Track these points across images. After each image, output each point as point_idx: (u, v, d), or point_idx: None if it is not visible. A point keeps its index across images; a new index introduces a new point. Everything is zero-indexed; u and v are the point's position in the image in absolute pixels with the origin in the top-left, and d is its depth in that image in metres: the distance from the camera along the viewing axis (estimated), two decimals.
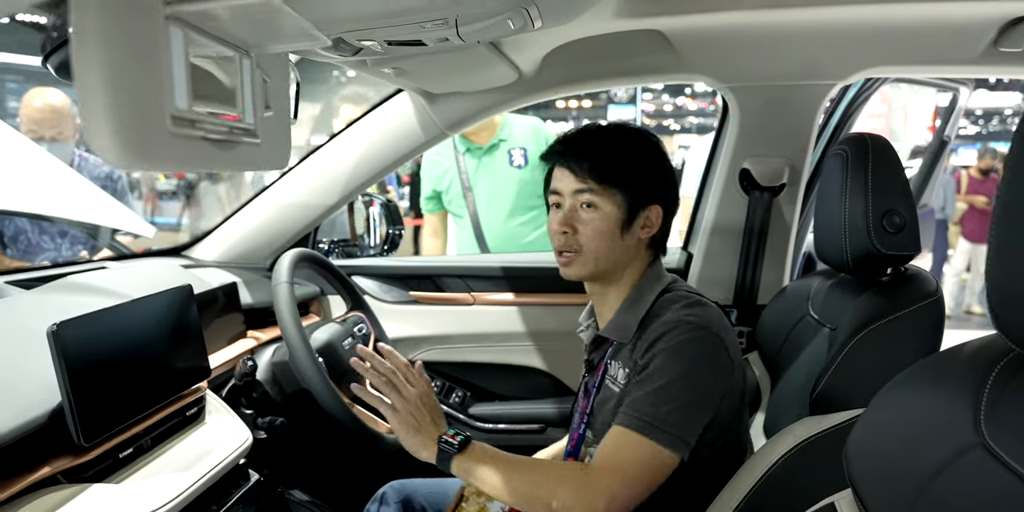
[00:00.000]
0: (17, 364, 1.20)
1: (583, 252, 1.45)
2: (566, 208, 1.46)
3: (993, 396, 0.73)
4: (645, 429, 1.28)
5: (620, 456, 1.30)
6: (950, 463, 0.73)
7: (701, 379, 1.33)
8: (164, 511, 1.14)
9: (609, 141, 1.46)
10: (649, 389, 1.32)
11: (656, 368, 1.32)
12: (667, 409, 1.29)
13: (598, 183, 1.42)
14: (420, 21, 1.07)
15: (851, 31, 1.76)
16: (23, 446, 1.09)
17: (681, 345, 1.33)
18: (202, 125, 0.68)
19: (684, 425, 1.30)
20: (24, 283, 1.64)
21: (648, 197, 1.46)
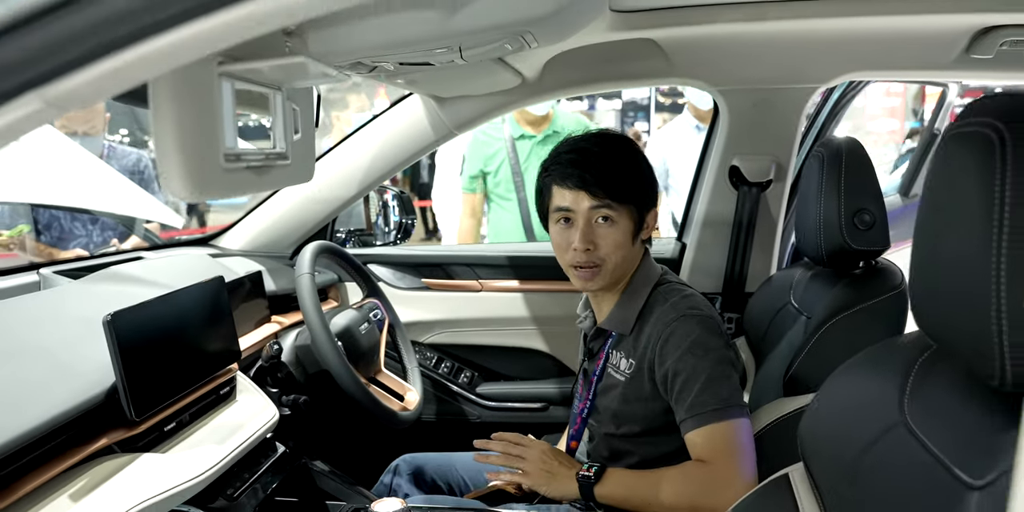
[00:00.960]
0: (75, 349, 1.35)
1: (605, 265, 1.55)
2: (582, 224, 1.54)
3: (915, 382, 0.86)
4: (720, 415, 1.44)
5: (723, 446, 1.44)
6: (878, 439, 0.85)
7: (724, 355, 1.49)
8: (204, 477, 1.30)
9: (610, 157, 1.56)
10: (699, 386, 1.46)
11: (692, 367, 1.46)
12: (724, 391, 1.45)
13: (615, 200, 1.53)
14: (428, 49, 1.21)
15: (830, 39, 1.88)
16: (84, 421, 1.24)
17: (695, 341, 1.48)
18: (246, 157, 0.83)
19: (738, 392, 1.48)
20: (70, 273, 1.80)
21: (649, 203, 1.59)
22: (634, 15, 1.73)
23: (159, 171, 0.72)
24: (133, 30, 0.52)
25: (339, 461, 1.87)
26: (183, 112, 0.72)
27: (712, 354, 1.47)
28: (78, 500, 1.12)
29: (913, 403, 0.82)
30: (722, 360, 1.48)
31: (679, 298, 1.57)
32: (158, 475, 1.24)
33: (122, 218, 2.98)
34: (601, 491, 1.48)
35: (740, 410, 1.46)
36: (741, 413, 1.45)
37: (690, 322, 1.51)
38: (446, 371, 2.45)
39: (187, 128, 0.72)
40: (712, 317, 1.55)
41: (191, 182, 0.73)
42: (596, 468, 1.50)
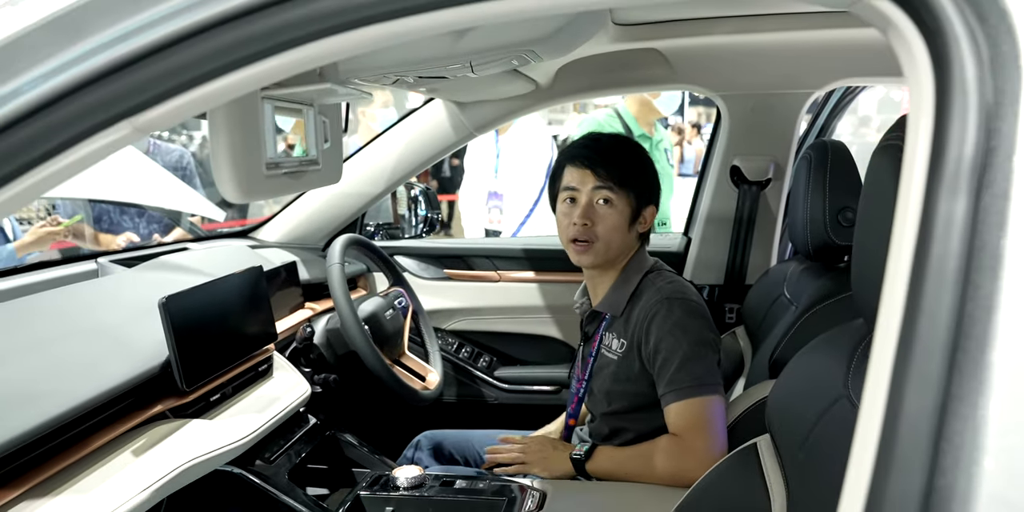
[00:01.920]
0: (132, 329, 1.54)
1: (598, 242, 1.73)
2: (583, 203, 1.73)
3: (858, 361, 0.99)
4: (693, 392, 1.62)
5: (692, 420, 1.62)
6: (826, 410, 0.99)
7: (702, 336, 1.65)
8: (245, 441, 1.48)
9: (622, 150, 1.76)
10: (677, 365, 1.64)
11: (670, 347, 1.64)
12: (699, 370, 1.62)
13: (615, 184, 1.71)
14: (442, 65, 1.38)
15: (822, 48, 2.02)
16: (142, 390, 1.42)
17: (677, 321, 1.65)
18: (284, 165, 1.01)
19: (714, 372, 1.65)
20: (124, 262, 1.99)
21: (648, 199, 1.76)
22: (636, 28, 1.88)
23: (215, 178, 0.89)
24: (204, 73, 0.69)
25: (365, 436, 2.04)
26: (233, 130, 0.89)
27: (690, 335, 1.63)
28: (139, 455, 1.31)
29: (855, 378, 0.94)
30: (700, 341, 1.64)
31: (665, 283, 1.73)
32: (205, 438, 1.42)
33: (168, 212, 3.18)
34: (592, 467, 1.70)
35: (712, 388, 1.62)
36: (713, 391, 1.62)
37: (673, 304, 1.67)
38: (466, 356, 2.62)
39: (236, 143, 0.90)
40: (694, 301, 1.71)
41: (239, 187, 0.90)
42: (587, 447, 1.71)
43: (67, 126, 0.69)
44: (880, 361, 0.55)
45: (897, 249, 0.57)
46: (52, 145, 0.69)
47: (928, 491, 0.50)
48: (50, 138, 0.69)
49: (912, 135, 0.59)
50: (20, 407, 1.16)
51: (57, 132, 0.69)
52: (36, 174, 0.70)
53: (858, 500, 0.54)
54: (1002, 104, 0.54)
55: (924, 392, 0.52)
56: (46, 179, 0.71)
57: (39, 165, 0.69)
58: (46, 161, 0.69)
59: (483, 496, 1.62)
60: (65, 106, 0.68)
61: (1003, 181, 0.53)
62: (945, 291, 0.53)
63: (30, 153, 0.69)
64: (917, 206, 0.56)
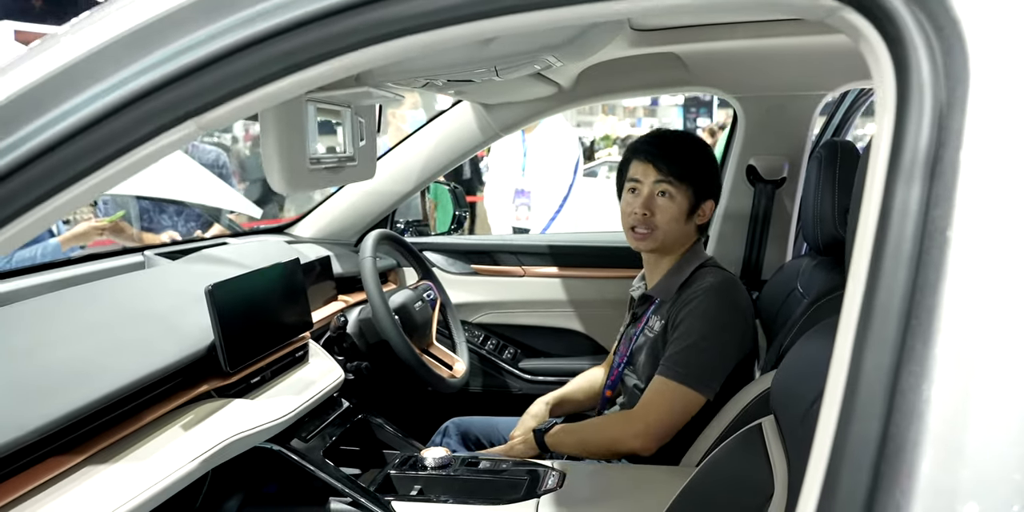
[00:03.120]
0: (179, 315, 1.64)
1: (656, 231, 1.86)
2: (644, 195, 1.86)
3: None
4: (678, 377, 1.72)
5: (658, 399, 1.75)
6: (825, 389, 1.08)
7: (722, 337, 1.75)
8: (283, 420, 1.58)
9: (685, 147, 1.89)
10: (682, 346, 1.75)
11: (687, 328, 1.75)
12: (698, 361, 1.72)
13: (674, 178, 1.83)
14: (470, 70, 1.48)
15: (834, 51, 2.09)
16: (189, 371, 1.53)
17: (707, 309, 1.75)
18: (324, 160, 1.11)
19: (708, 372, 1.74)
20: (169, 255, 2.10)
21: (707, 194, 1.87)
22: (653, 33, 1.97)
23: (265, 170, 1.00)
24: (259, 78, 0.79)
25: (395, 421, 2.14)
26: (281, 129, 1.00)
27: (713, 324, 1.73)
28: (187, 430, 1.41)
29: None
30: (717, 337, 1.74)
31: (718, 278, 1.83)
32: (247, 416, 1.52)
33: (209, 209, 3.31)
34: (549, 440, 1.84)
35: (698, 384, 1.72)
36: (696, 387, 1.72)
37: (712, 296, 1.78)
38: (492, 348, 2.72)
39: (283, 140, 1.00)
40: (735, 301, 1.81)
41: (286, 179, 1.01)
42: (547, 425, 1.84)
43: (142, 124, 0.79)
44: (846, 326, 0.64)
45: (862, 230, 0.65)
46: (129, 140, 0.79)
47: (884, 436, 0.59)
48: (128, 134, 0.79)
49: (877, 131, 0.67)
50: (80, 383, 1.27)
51: (134, 129, 0.79)
52: (116, 165, 0.80)
53: (826, 446, 0.63)
54: (953, 104, 0.63)
55: (881, 353, 0.60)
56: (122, 170, 0.81)
57: (118, 158, 0.80)
58: (124, 154, 0.80)
59: (506, 475, 1.72)
60: (141, 106, 0.78)
61: (951, 172, 0.62)
62: (901, 266, 0.61)
63: (111, 147, 0.79)
64: (879, 193, 0.64)
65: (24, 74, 0.80)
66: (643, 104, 19.91)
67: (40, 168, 0.79)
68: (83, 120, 0.79)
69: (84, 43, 0.79)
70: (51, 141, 0.79)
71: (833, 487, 0.61)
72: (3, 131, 0.79)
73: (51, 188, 0.79)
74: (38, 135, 0.79)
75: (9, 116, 0.79)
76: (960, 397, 0.57)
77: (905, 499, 0.56)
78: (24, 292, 1.64)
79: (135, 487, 1.19)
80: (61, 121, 0.79)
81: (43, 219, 0.79)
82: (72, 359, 1.35)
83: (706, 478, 1.42)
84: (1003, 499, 0.55)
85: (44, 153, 0.79)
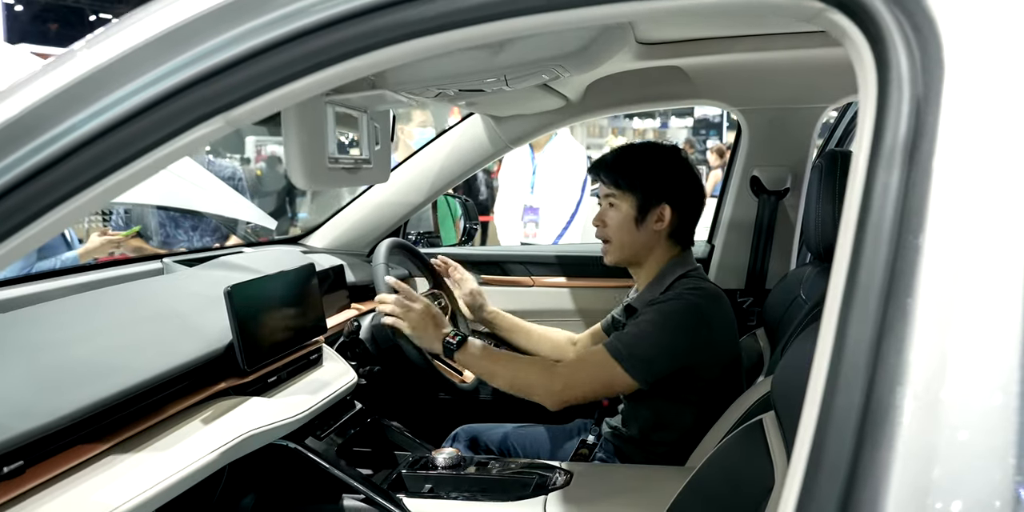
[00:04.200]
0: (198, 316, 1.70)
1: (612, 242, 1.93)
2: (602, 208, 1.94)
3: None
4: (614, 352, 1.76)
5: (586, 362, 1.83)
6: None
7: (672, 337, 1.78)
8: (299, 418, 1.62)
9: (630, 156, 1.94)
10: (631, 331, 1.80)
11: (643, 319, 1.79)
12: (640, 347, 1.76)
13: (616, 188, 1.89)
14: (479, 79, 1.54)
15: (834, 64, 2.14)
16: (207, 369, 1.58)
17: (667, 309, 1.79)
18: (342, 161, 1.17)
19: (647, 362, 1.76)
20: (186, 263, 2.16)
21: (658, 198, 1.90)
22: (658, 46, 2.03)
23: (287, 167, 1.05)
24: (283, 77, 0.84)
25: (406, 426, 2.18)
26: (301, 128, 1.06)
27: (669, 322, 1.78)
28: (207, 424, 1.46)
29: None
30: (669, 333, 1.78)
31: (690, 288, 1.86)
32: (264, 413, 1.57)
33: (225, 220, 3.37)
34: (459, 357, 1.85)
35: (631, 367, 1.75)
36: (628, 368, 1.75)
37: (681, 300, 1.82)
38: None
39: (304, 138, 1.06)
40: (700, 311, 1.82)
41: (307, 175, 1.06)
42: (460, 338, 1.85)
43: (175, 119, 0.85)
44: (832, 300, 0.69)
45: (847, 212, 0.70)
46: (162, 134, 0.85)
47: (867, 401, 0.63)
48: (161, 128, 0.85)
49: (860, 122, 0.73)
50: (105, 377, 1.32)
51: (167, 123, 0.85)
52: (149, 157, 0.86)
53: (813, 414, 0.67)
54: (929, 97, 0.68)
55: (863, 325, 0.65)
56: (155, 162, 0.87)
57: (152, 150, 0.85)
58: (157, 147, 0.85)
59: (515, 475, 1.76)
60: (174, 103, 0.84)
61: (928, 158, 0.67)
62: (881, 245, 0.66)
63: (145, 140, 0.85)
64: (862, 177, 0.69)
65: (63, 74, 0.86)
66: (652, 127, 20.01)
67: (81, 159, 0.85)
68: (120, 115, 0.84)
69: (120, 45, 0.85)
70: (90, 134, 0.84)
71: (820, 450, 0.65)
72: (46, 126, 0.85)
73: (91, 177, 0.84)
74: (78, 129, 0.84)
75: (50, 112, 0.85)
76: (938, 363, 0.62)
77: (888, 460, 0.60)
78: (48, 294, 1.70)
79: (157, 475, 1.24)
80: (100, 116, 0.84)
81: (83, 206, 0.85)
82: (97, 355, 1.41)
83: (709, 473, 1.46)
84: (980, 455, 0.59)
85: (84, 145, 0.85)
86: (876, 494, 0.60)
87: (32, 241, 0.86)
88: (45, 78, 0.87)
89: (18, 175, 0.84)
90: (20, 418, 1.12)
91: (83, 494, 1.15)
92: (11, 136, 0.85)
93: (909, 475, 0.59)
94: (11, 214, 0.85)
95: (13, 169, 0.84)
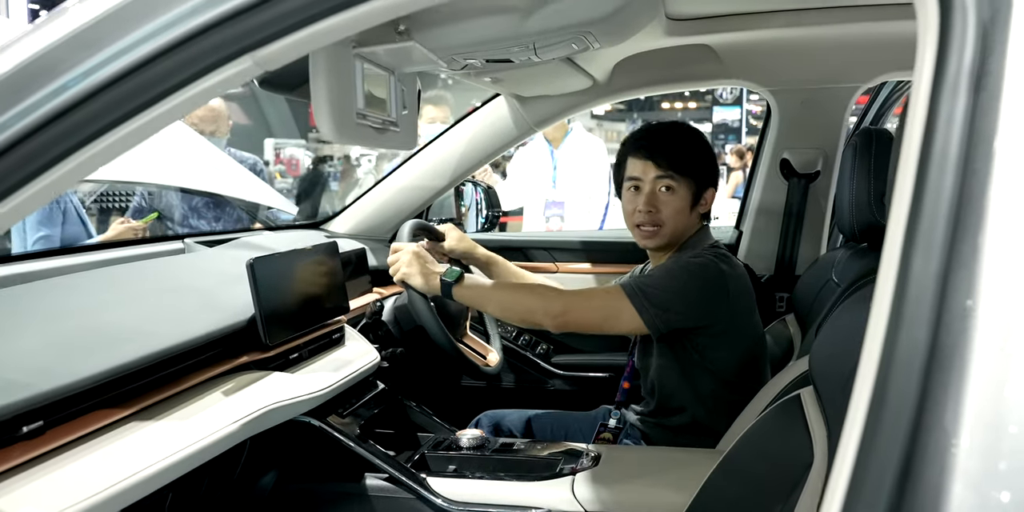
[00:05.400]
0: (220, 291, 1.68)
1: (664, 227, 1.87)
2: (646, 192, 1.86)
3: None
4: (628, 290, 1.73)
5: (595, 291, 1.85)
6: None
7: (687, 285, 1.75)
8: (321, 394, 1.59)
9: (680, 139, 1.89)
10: (648, 277, 1.78)
11: (662, 268, 1.78)
12: (651, 289, 1.72)
13: (677, 172, 1.84)
14: (508, 46, 1.50)
15: (868, 42, 2.10)
16: (230, 341, 1.56)
17: (686, 262, 1.77)
18: (370, 118, 1.14)
19: (656, 305, 1.72)
20: (207, 243, 2.14)
21: (708, 182, 1.88)
22: (687, 22, 1.99)
23: (315, 118, 1.03)
24: (309, 16, 0.82)
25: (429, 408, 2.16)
26: (331, 79, 1.03)
27: (683, 270, 1.76)
28: (228, 396, 1.44)
29: None
30: (682, 279, 1.75)
31: (717, 254, 1.84)
32: (285, 388, 1.54)
33: (247, 206, 3.37)
34: (458, 293, 1.81)
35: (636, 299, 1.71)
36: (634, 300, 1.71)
37: (692, 258, 1.79)
38: (524, 343, 2.73)
39: (333, 90, 1.03)
40: (719, 268, 1.79)
41: (335, 128, 1.03)
42: (456, 273, 1.82)
43: (201, 58, 0.82)
44: (894, 232, 0.65)
45: (907, 142, 0.66)
46: (188, 74, 0.82)
47: (934, 339, 0.59)
48: (186, 68, 0.82)
49: (920, 52, 0.69)
50: (126, 343, 1.30)
51: (193, 63, 0.82)
52: (175, 99, 0.83)
53: (874, 354, 0.63)
54: (996, 21, 0.64)
55: (928, 257, 0.61)
56: (181, 104, 0.84)
57: (178, 91, 0.83)
58: (184, 87, 0.83)
59: (541, 456, 1.72)
60: (200, 42, 0.82)
61: (996, 83, 0.63)
62: (947, 172, 0.62)
63: (170, 81, 0.82)
64: (923, 107, 0.66)
65: (83, 13, 0.83)
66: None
67: (104, 100, 0.82)
68: (145, 55, 0.82)
69: None
70: (114, 75, 0.82)
71: (883, 394, 0.61)
72: (64, 67, 0.82)
73: (117, 117, 0.82)
74: (100, 69, 0.82)
75: (69, 53, 0.83)
76: (1010, 295, 0.58)
77: (956, 405, 0.56)
78: (70, 269, 1.68)
79: (178, 443, 1.22)
80: (123, 56, 0.82)
81: (108, 148, 0.82)
82: (118, 322, 1.39)
83: (743, 451, 1.42)
84: None
85: (107, 86, 0.82)
86: (948, 426, 0.56)
87: (61, 182, 0.84)
88: (64, 18, 0.84)
89: (41, 116, 0.82)
90: (42, 377, 1.09)
91: (103, 458, 1.13)
92: (31, 76, 0.83)
93: (983, 403, 0.56)
94: (36, 155, 0.82)
95: (35, 110, 0.82)
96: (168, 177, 2.74)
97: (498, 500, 1.61)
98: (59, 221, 3.24)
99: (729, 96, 17.41)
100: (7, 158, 0.82)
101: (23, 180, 0.82)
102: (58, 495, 1.02)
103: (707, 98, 18.56)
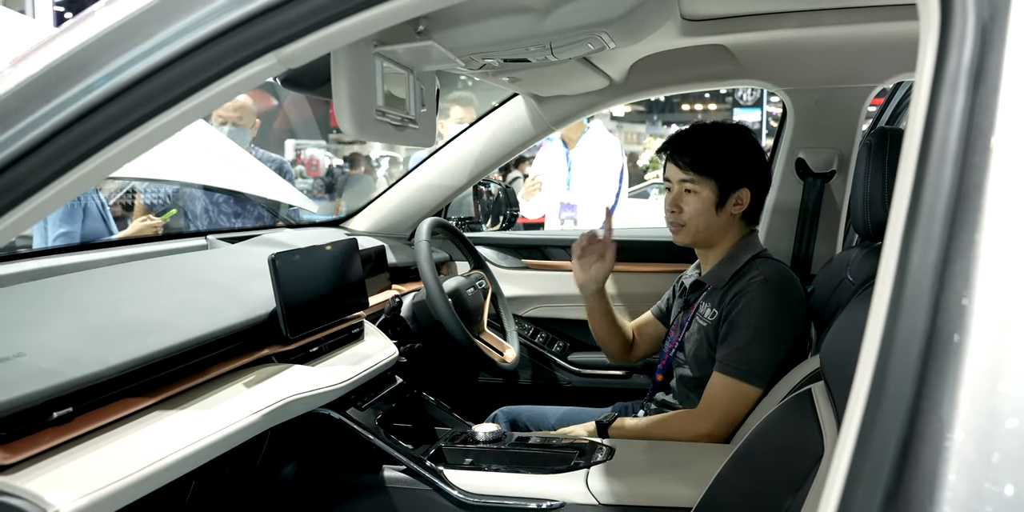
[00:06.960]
0: (242, 285, 1.71)
1: (687, 226, 1.92)
2: (674, 192, 1.93)
3: None
4: (736, 374, 1.77)
5: (722, 398, 1.80)
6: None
7: (778, 328, 1.79)
8: (340, 387, 1.63)
9: (707, 138, 1.93)
10: (741, 343, 1.79)
11: (745, 322, 1.80)
12: (754, 356, 1.77)
13: (695, 173, 1.88)
14: (525, 46, 1.53)
15: (884, 42, 2.11)
16: (252, 334, 1.59)
17: (762, 303, 1.80)
18: (389, 116, 1.17)
19: (767, 365, 1.77)
20: (229, 240, 2.18)
21: (737, 182, 1.90)
22: (702, 23, 2.01)
23: (336, 114, 1.06)
24: (332, 14, 0.85)
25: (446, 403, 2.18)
26: (351, 77, 1.06)
27: (768, 317, 1.77)
28: (250, 387, 1.47)
29: None
30: (773, 330, 1.78)
31: (772, 269, 1.87)
32: (306, 380, 1.57)
33: (269, 203, 3.41)
34: (613, 432, 1.90)
35: (754, 379, 1.76)
36: (753, 382, 1.76)
37: (768, 289, 1.82)
38: (541, 341, 2.75)
39: (354, 87, 1.06)
40: (788, 292, 1.84)
41: (355, 124, 1.07)
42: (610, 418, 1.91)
43: (226, 57, 0.85)
44: (894, 226, 0.67)
45: (908, 139, 0.69)
46: (215, 71, 0.86)
47: (932, 327, 0.61)
48: (212, 67, 0.85)
49: (922, 49, 0.71)
50: (151, 334, 1.34)
51: (218, 62, 0.85)
52: (200, 96, 0.86)
53: (875, 337, 0.65)
54: (995, 19, 0.66)
55: (927, 248, 0.63)
56: (206, 102, 0.87)
57: (204, 88, 0.86)
58: (209, 85, 0.86)
59: (556, 449, 1.75)
60: (225, 41, 0.85)
61: (994, 80, 0.65)
62: (946, 167, 0.64)
63: (195, 79, 0.86)
64: (924, 102, 0.68)
65: (112, 14, 0.87)
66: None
67: (132, 98, 0.85)
68: (171, 54, 0.85)
69: None
70: (141, 74, 0.85)
71: (882, 381, 0.63)
72: (95, 66, 0.85)
73: (145, 114, 0.85)
74: (128, 68, 0.85)
75: (100, 52, 0.86)
76: (1006, 285, 0.60)
77: (952, 392, 0.58)
78: (95, 264, 1.72)
79: (201, 431, 1.25)
80: (150, 55, 0.85)
81: (140, 142, 0.86)
82: (143, 314, 1.42)
83: (754, 445, 1.43)
84: None
85: (135, 85, 0.85)
86: (944, 414, 0.58)
87: (88, 178, 0.87)
88: (94, 19, 0.88)
89: (71, 113, 0.85)
90: (71, 365, 1.13)
91: (129, 445, 1.16)
92: (64, 74, 0.86)
93: (979, 393, 0.58)
94: (64, 152, 0.86)
95: (67, 107, 0.85)
96: (192, 175, 2.79)
97: (513, 492, 1.64)
98: (79, 218, 3.29)
99: (749, 98, 17.37)
100: (38, 154, 0.85)
101: (51, 176, 0.85)
102: (85, 479, 1.06)
103: (727, 100, 18.52)
